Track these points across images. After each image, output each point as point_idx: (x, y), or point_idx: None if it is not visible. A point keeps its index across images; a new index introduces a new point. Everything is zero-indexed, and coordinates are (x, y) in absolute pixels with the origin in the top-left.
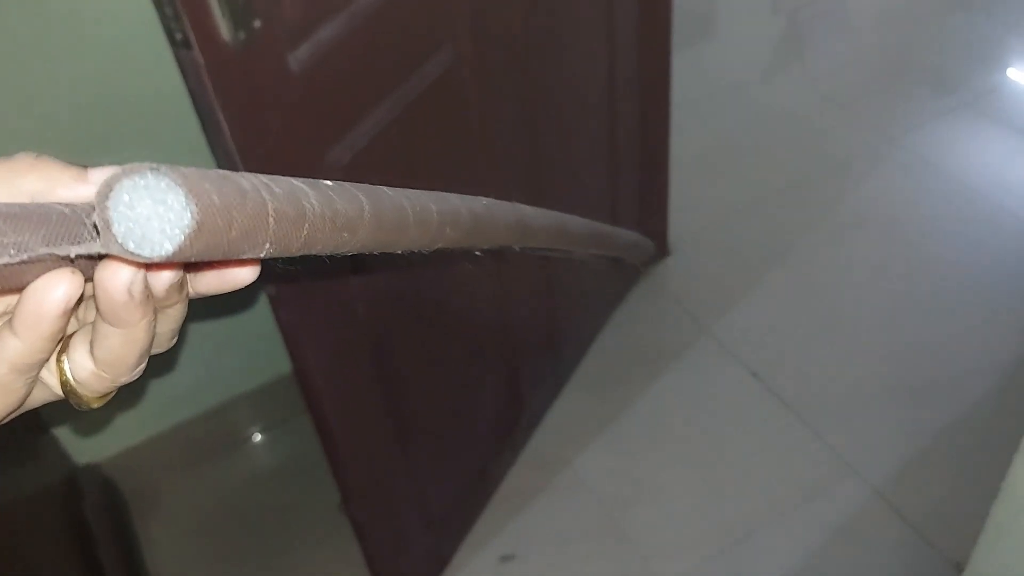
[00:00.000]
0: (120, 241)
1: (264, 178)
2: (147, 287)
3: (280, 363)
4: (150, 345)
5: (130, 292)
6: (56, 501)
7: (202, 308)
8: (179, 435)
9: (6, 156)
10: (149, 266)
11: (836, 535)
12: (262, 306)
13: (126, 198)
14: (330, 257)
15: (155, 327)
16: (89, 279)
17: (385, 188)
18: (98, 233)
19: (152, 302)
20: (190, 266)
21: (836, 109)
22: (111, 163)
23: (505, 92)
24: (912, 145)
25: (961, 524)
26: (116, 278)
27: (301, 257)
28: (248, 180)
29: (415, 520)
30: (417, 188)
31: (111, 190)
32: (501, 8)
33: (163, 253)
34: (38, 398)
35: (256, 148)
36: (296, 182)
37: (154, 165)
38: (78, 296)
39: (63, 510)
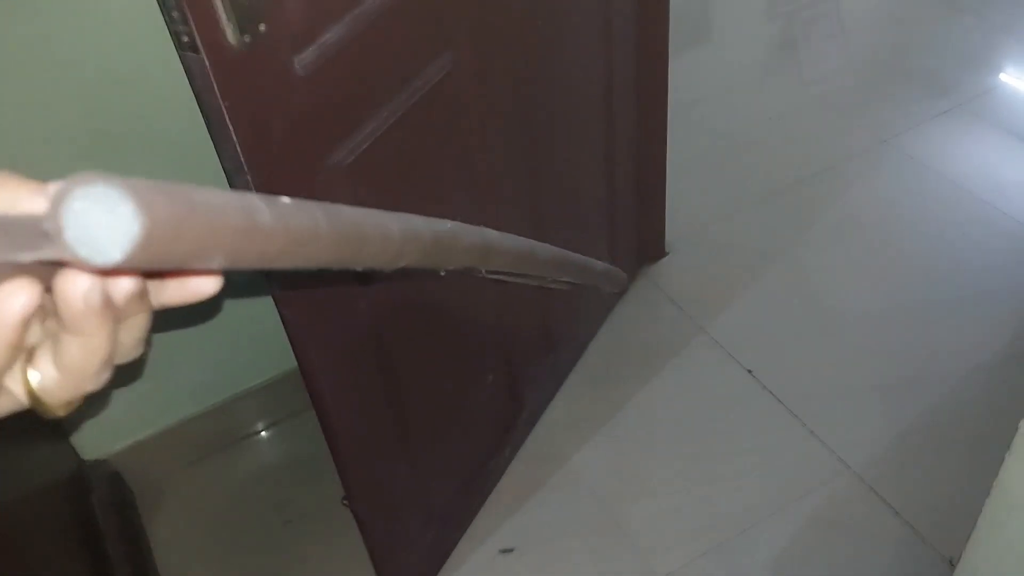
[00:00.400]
0: (71, 247)
1: (221, 193)
2: (106, 296)
3: (285, 360)
4: (112, 353)
5: (87, 300)
6: (64, 496)
7: (209, 304)
8: (185, 431)
9: None
10: (107, 275)
11: (830, 530)
12: (268, 304)
13: (78, 206)
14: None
15: (117, 336)
16: (50, 289)
17: (346, 207)
18: (51, 240)
19: (111, 311)
20: (152, 276)
21: (830, 111)
22: (117, 163)
23: (504, 95)
24: (905, 147)
25: (954, 520)
26: (74, 286)
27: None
28: (203, 195)
29: (416, 515)
30: (417, 189)
31: (63, 198)
32: (501, 13)
33: (112, 260)
34: (3, 407)
35: (261, 149)
36: (254, 199)
37: (106, 176)
38: (36, 304)
39: (71, 505)
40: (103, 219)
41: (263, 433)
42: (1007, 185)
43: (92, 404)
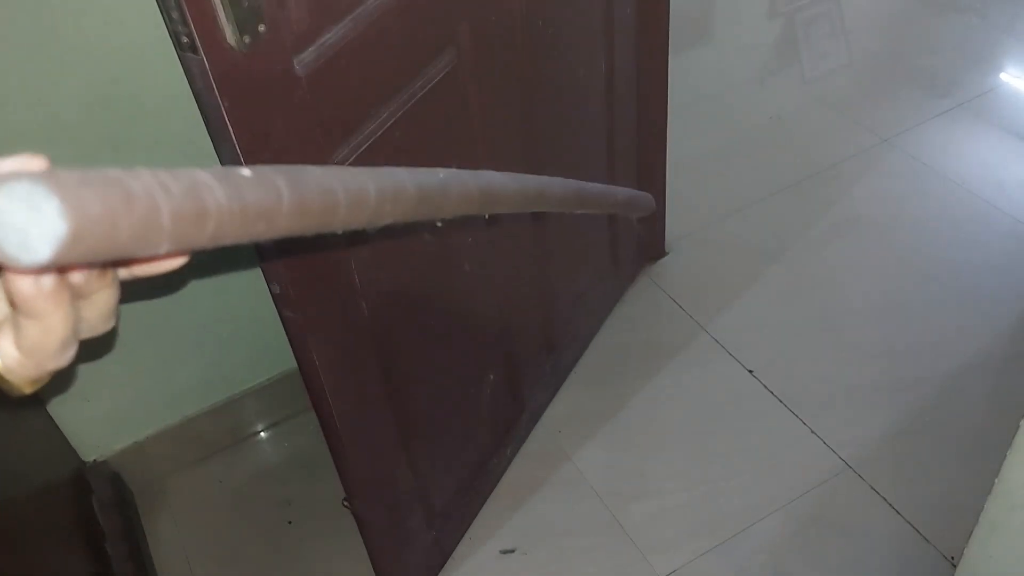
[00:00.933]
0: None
1: (165, 176)
2: (60, 278)
3: (286, 359)
4: (71, 332)
5: (38, 283)
6: (65, 496)
7: (209, 304)
8: (185, 431)
9: None
10: (53, 271)
11: (832, 529)
12: (268, 303)
13: (4, 204)
14: (334, 255)
15: (80, 313)
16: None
17: (317, 170)
18: None
19: (66, 292)
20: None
21: (831, 111)
22: (116, 163)
23: (505, 95)
24: (906, 146)
25: (955, 519)
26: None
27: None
28: (142, 181)
29: (417, 515)
30: None
31: None
32: (503, 12)
33: (41, 259)
34: None
35: (261, 151)
36: (204, 176)
37: (35, 172)
38: None
39: (72, 505)
40: (30, 218)
41: (263, 433)
42: (1008, 184)
43: (62, 379)
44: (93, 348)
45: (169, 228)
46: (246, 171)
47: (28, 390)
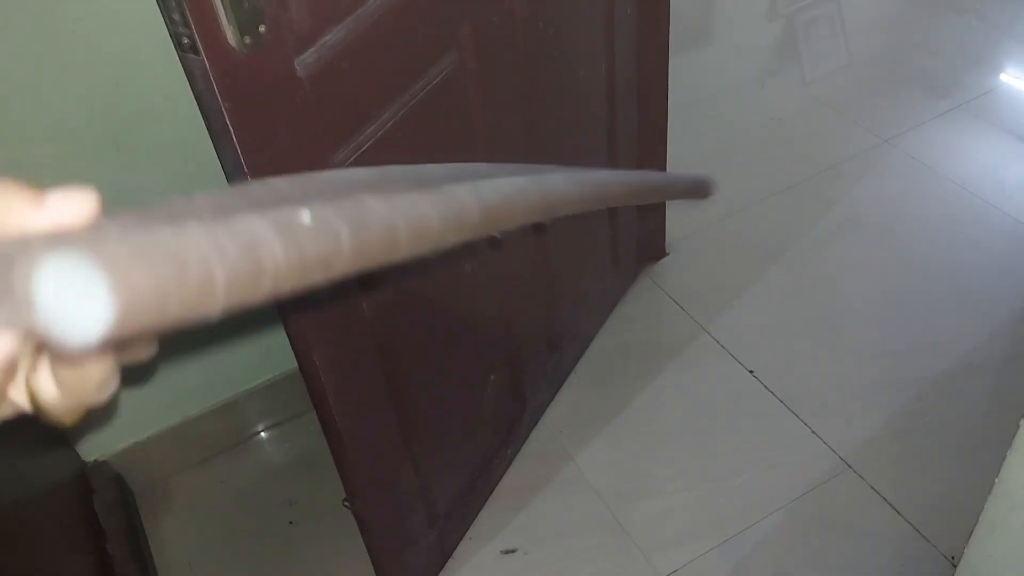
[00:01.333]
0: (43, 322)
1: (221, 234)
2: None
3: (287, 360)
4: (110, 371)
5: None
6: (67, 497)
7: None
8: (187, 431)
9: None
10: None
11: (832, 529)
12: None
13: (48, 275)
14: None
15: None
16: None
17: (379, 203)
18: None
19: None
20: None
21: (831, 112)
22: (121, 163)
23: (507, 96)
24: (906, 147)
25: (955, 518)
26: None
27: None
28: (197, 247)
29: (418, 515)
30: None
31: (33, 268)
32: (504, 14)
33: (84, 342)
34: (5, 413)
35: (262, 152)
36: (262, 229)
37: (82, 241)
38: (15, 355)
39: (74, 505)
40: (75, 297)
41: (265, 433)
42: (1008, 185)
43: (101, 411)
44: (134, 376)
45: (223, 295)
46: (305, 216)
47: (68, 422)
